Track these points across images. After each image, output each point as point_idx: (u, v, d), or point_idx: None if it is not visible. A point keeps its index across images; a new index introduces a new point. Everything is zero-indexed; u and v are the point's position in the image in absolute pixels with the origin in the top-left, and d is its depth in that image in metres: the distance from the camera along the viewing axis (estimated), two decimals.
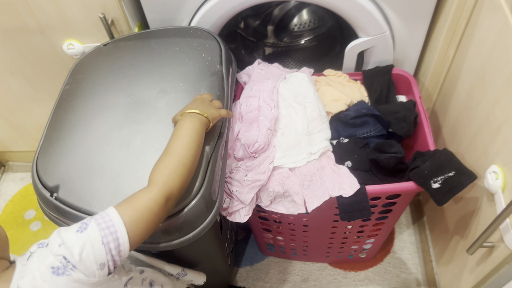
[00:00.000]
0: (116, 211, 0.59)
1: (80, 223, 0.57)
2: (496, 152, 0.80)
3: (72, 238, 0.55)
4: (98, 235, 0.56)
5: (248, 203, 0.88)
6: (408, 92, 1.08)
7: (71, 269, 0.53)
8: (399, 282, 1.27)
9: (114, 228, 0.57)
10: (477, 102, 0.89)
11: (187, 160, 0.68)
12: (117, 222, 0.58)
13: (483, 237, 0.76)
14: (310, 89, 0.98)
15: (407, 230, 1.37)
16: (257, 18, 1.43)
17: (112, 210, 0.59)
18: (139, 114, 0.86)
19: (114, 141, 0.83)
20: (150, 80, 0.92)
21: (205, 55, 0.96)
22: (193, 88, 0.89)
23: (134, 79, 0.93)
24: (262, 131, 0.91)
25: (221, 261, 1.11)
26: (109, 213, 0.58)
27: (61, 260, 0.53)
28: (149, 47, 1.00)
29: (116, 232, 0.57)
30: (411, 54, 1.11)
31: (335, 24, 1.36)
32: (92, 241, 0.55)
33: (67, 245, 0.54)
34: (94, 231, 0.56)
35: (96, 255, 0.55)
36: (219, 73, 0.93)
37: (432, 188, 0.84)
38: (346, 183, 0.87)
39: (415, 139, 1.03)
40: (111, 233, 0.56)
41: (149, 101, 0.88)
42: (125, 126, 0.85)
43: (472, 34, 0.91)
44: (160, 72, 0.93)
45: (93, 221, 0.57)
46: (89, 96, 0.91)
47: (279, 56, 1.47)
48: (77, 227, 0.56)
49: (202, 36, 1.01)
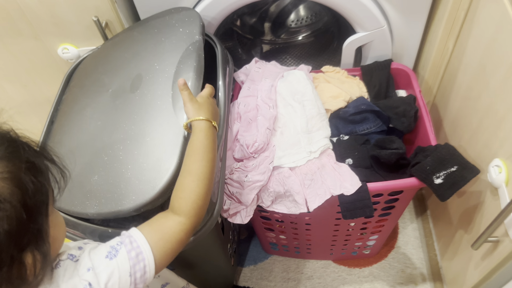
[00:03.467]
0: (147, 241, 0.58)
1: (109, 246, 0.56)
2: (499, 145, 0.79)
3: (102, 264, 0.54)
4: (127, 266, 0.55)
5: (249, 204, 0.87)
6: (408, 86, 1.07)
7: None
8: (404, 277, 1.26)
9: (142, 257, 0.57)
10: (478, 94, 0.87)
11: (209, 176, 0.68)
12: (148, 254, 0.57)
13: (488, 232, 0.75)
14: (308, 87, 0.97)
15: (410, 224, 1.36)
16: (254, 15, 1.42)
17: (143, 240, 0.58)
18: (118, 109, 0.85)
19: (97, 144, 0.82)
20: (127, 69, 0.90)
21: (182, 29, 0.92)
22: (168, 65, 0.86)
23: (114, 73, 0.91)
24: (261, 130, 0.90)
25: (224, 261, 1.10)
26: (140, 243, 0.57)
27: (86, 285, 0.53)
28: (132, 38, 0.98)
29: (144, 260, 0.56)
30: (410, 47, 1.10)
31: (332, 19, 1.35)
32: (121, 272, 0.55)
33: (95, 271, 0.53)
34: (124, 260, 0.55)
35: (121, 285, 0.55)
36: (197, 43, 0.89)
37: (434, 183, 0.83)
38: (348, 181, 0.86)
39: (416, 134, 1.02)
40: (139, 262, 0.56)
41: (125, 91, 0.86)
42: (105, 127, 0.84)
43: (471, 25, 0.90)
44: (137, 58, 0.91)
45: (124, 248, 0.56)
46: (78, 102, 0.91)
47: (277, 53, 1.46)
48: (106, 251, 0.56)
49: (182, 12, 0.98)
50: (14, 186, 0.44)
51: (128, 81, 0.88)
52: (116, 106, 0.85)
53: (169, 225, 0.62)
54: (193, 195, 0.64)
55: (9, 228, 0.43)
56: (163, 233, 0.60)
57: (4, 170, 0.45)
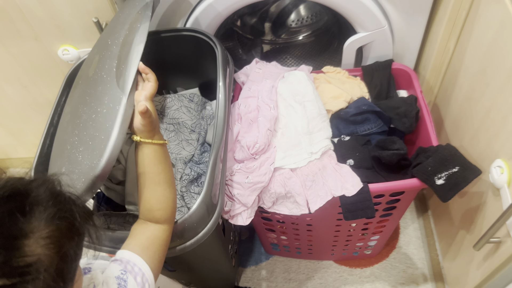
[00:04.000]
0: (145, 262, 0.61)
1: (115, 278, 0.58)
2: (501, 145, 0.79)
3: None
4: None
5: (250, 205, 0.87)
6: (409, 86, 1.07)
7: None
8: (406, 278, 1.26)
9: (146, 278, 0.60)
10: (480, 94, 0.87)
11: (173, 179, 0.71)
12: (149, 274, 0.61)
13: (490, 232, 0.75)
14: (309, 87, 0.97)
15: (412, 224, 1.36)
16: (254, 15, 1.42)
17: (142, 263, 0.61)
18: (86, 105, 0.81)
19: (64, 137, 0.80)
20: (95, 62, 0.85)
21: (138, 3, 0.87)
22: (119, 36, 0.81)
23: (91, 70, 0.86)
24: (262, 131, 0.90)
25: (225, 262, 1.10)
26: (140, 266, 0.61)
27: None
28: (110, 30, 0.91)
29: (148, 280, 0.60)
30: (411, 47, 1.09)
31: (332, 19, 1.35)
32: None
33: None
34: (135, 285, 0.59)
35: None
36: (147, 5, 0.84)
37: (436, 184, 0.82)
38: (349, 182, 0.86)
39: (418, 135, 1.02)
40: (144, 283, 0.60)
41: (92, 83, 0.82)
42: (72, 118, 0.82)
43: (473, 25, 0.90)
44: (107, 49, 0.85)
45: (130, 276, 0.59)
46: (70, 103, 0.89)
47: (277, 53, 1.45)
48: (116, 283, 0.57)
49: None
50: (56, 254, 0.42)
51: (93, 71, 0.83)
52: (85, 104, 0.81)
53: (156, 236, 0.65)
54: (170, 202, 0.68)
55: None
56: (154, 246, 0.64)
57: (51, 236, 0.42)
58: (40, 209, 0.43)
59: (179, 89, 1.18)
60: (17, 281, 0.38)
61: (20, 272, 0.39)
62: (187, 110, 1.04)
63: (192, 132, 1.02)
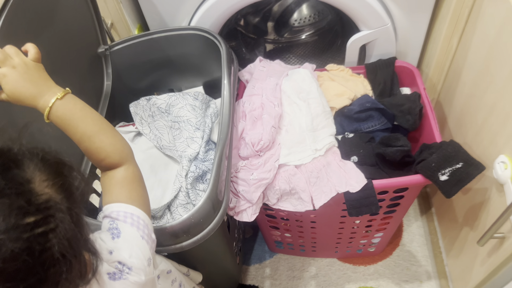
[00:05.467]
0: (127, 204, 0.60)
1: (106, 231, 0.58)
2: (505, 141, 0.79)
3: (115, 245, 0.56)
4: (134, 232, 0.58)
5: (255, 202, 0.88)
6: (412, 84, 1.07)
7: (127, 273, 0.55)
8: (409, 275, 1.26)
9: (136, 215, 0.60)
10: (483, 91, 0.87)
11: (104, 119, 0.66)
12: (136, 211, 0.60)
13: (494, 228, 0.75)
14: (313, 85, 0.97)
15: (415, 222, 1.36)
16: (257, 15, 1.43)
17: (124, 206, 0.60)
18: None
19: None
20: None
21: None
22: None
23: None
24: (266, 129, 0.91)
25: (229, 260, 1.10)
26: (125, 209, 0.60)
27: (117, 265, 0.55)
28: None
29: (139, 218, 0.60)
30: (414, 45, 1.10)
31: (335, 18, 1.35)
32: (133, 240, 0.58)
33: (116, 252, 0.56)
34: (128, 230, 0.58)
35: (143, 251, 0.58)
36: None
37: (440, 180, 0.83)
38: (353, 178, 0.86)
39: (421, 131, 1.02)
40: (137, 222, 0.59)
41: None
42: None
43: (476, 22, 0.90)
44: None
45: (120, 223, 0.58)
46: None
47: (281, 52, 1.46)
48: (109, 234, 0.57)
49: None
50: (61, 190, 0.47)
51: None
52: None
53: (123, 177, 0.63)
54: (116, 140, 0.64)
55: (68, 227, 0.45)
56: (126, 186, 0.63)
57: (49, 177, 0.46)
58: (27, 159, 0.46)
59: (183, 87, 1.19)
60: (44, 215, 0.43)
61: (43, 208, 0.43)
62: (192, 108, 1.04)
63: (196, 130, 1.02)
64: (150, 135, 1.02)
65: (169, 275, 0.77)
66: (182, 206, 0.94)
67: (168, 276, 0.76)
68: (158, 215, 0.93)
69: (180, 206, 0.94)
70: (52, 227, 0.43)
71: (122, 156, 0.64)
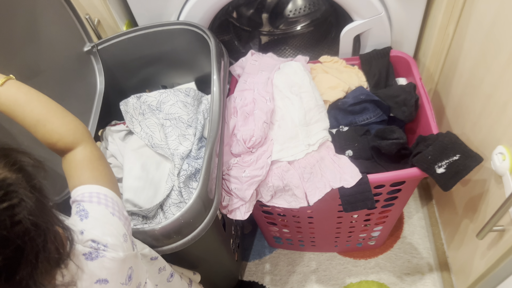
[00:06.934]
0: (91, 184, 0.59)
1: (74, 214, 0.57)
2: (502, 132, 0.77)
3: (85, 225, 0.55)
4: (104, 211, 0.57)
5: (248, 199, 0.86)
6: (408, 74, 1.04)
7: (103, 250, 0.54)
8: (411, 268, 1.24)
9: (103, 194, 0.58)
10: (480, 80, 0.85)
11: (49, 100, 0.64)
12: (102, 189, 0.59)
13: (493, 221, 0.73)
14: (306, 78, 0.95)
15: (416, 214, 1.34)
16: (250, 6, 1.40)
17: (88, 187, 0.59)
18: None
19: None
20: None
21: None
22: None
23: None
24: (258, 125, 0.89)
25: (227, 257, 1.09)
26: (89, 189, 0.59)
27: (91, 244, 0.53)
28: None
29: (106, 196, 0.58)
30: (410, 34, 1.07)
31: (329, 8, 1.32)
32: (104, 217, 0.56)
33: (88, 231, 0.54)
34: (97, 209, 0.57)
35: (116, 227, 0.57)
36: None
37: (436, 173, 0.81)
38: (347, 173, 0.84)
39: (418, 123, 1.00)
40: (104, 199, 0.58)
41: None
42: None
43: (472, 8, 0.87)
44: None
45: (85, 204, 0.57)
46: None
47: (276, 44, 1.43)
48: (78, 217, 0.56)
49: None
50: (14, 168, 0.46)
51: None
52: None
53: (82, 158, 0.62)
54: (70, 125, 0.63)
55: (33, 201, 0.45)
56: (87, 167, 0.61)
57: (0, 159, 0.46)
58: None
59: (176, 83, 1.17)
60: (4, 191, 0.43)
61: (0, 185, 0.43)
62: (183, 105, 1.02)
63: (188, 127, 1.01)
64: (141, 134, 1.00)
65: (155, 262, 0.75)
66: (175, 205, 0.92)
67: (153, 263, 0.74)
68: (151, 215, 0.92)
69: (173, 205, 0.93)
70: (16, 202, 0.43)
71: (77, 136, 0.63)
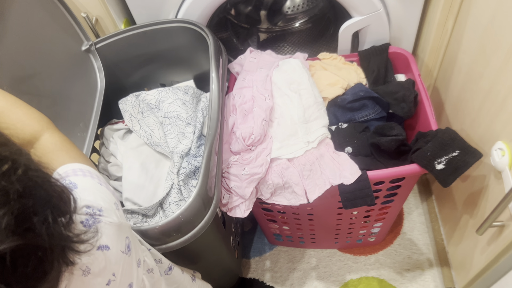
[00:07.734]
0: (68, 164, 0.58)
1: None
2: (502, 127, 0.77)
3: (76, 194, 0.53)
4: (91, 181, 0.57)
5: (248, 197, 0.86)
6: (407, 70, 1.04)
7: (99, 215, 0.53)
8: (411, 264, 1.24)
9: (83, 168, 0.58)
10: (479, 76, 0.85)
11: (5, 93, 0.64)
12: (81, 166, 0.58)
13: (492, 217, 0.73)
14: (304, 75, 0.95)
15: (416, 210, 1.34)
16: (248, 3, 1.39)
17: (65, 167, 0.58)
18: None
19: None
20: None
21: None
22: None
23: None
24: (257, 122, 0.89)
25: (227, 254, 1.09)
26: (72, 168, 0.58)
27: (86, 210, 0.52)
28: None
29: (90, 171, 0.58)
30: (408, 30, 1.06)
31: (327, 4, 1.32)
32: (93, 186, 0.56)
33: (80, 198, 0.52)
34: (84, 180, 0.56)
35: (106, 195, 0.56)
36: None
37: (436, 169, 0.81)
38: (347, 170, 0.84)
39: (417, 119, 0.99)
40: (92, 174, 0.58)
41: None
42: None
43: (470, 4, 0.87)
44: None
45: (73, 176, 0.56)
46: None
47: (275, 41, 1.43)
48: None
49: None
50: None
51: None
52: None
53: (55, 141, 0.62)
54: (34, 114, 0.63)
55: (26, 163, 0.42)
56: (64, 148, 0.62)
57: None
58: None
59: (174, 81, 1.17)
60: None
61: None
62: (182, 103, 1.02)
63: (188, 125, 1.00)
64: (140, 132, 1.00)
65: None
66: (175, 203, 0.92)
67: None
68: (150, 213, 0.92)
69: (173, 204, 0.93)
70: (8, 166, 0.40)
71: (42, 124, 0.63)
